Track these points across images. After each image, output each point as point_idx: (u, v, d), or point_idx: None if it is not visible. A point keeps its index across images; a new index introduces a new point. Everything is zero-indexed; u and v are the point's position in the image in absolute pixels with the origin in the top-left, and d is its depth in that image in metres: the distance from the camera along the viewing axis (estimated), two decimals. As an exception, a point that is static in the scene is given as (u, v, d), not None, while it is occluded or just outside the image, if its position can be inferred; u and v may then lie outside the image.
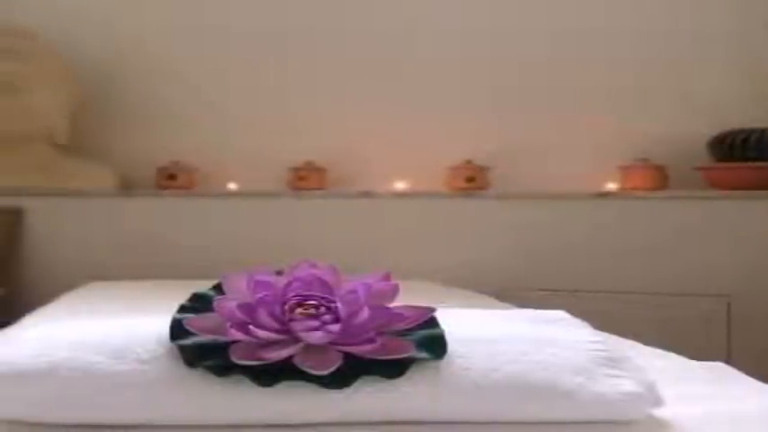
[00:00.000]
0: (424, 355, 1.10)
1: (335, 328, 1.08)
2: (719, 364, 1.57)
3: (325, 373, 1.05)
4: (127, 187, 3.65)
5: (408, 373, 1.08)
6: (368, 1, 3.80)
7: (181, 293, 1.25)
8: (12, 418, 1.07)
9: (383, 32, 3.75)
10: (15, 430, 1.06)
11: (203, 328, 1.11)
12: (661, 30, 3.71)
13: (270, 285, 1.13)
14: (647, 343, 1.79)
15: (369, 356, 1.07)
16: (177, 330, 1.12)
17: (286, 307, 1.10)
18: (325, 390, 1.05)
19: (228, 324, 1.08)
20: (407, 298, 1.19)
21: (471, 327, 1.22)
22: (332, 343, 1.08)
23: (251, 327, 1.07)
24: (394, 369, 1.07)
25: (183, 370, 1.08)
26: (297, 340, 1.08)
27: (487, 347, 1.15)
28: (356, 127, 3.74)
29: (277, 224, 3.54)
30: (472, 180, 3.57)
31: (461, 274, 3.33)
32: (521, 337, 1.19)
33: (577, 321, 1.31)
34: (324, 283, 1.14)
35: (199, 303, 1.19)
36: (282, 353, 1.06)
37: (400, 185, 3.65)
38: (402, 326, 1.14)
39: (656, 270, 3.42)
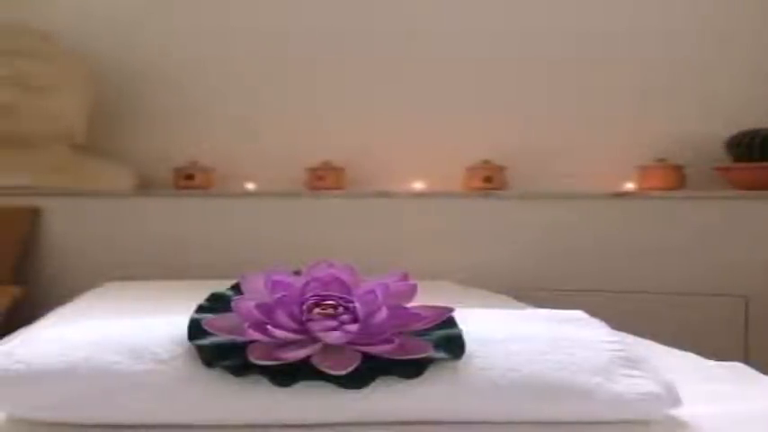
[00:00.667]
0: (441, 355, 1.10)
1: (353, 328, 1.08)
2: (737, 364, 1.56)
3: (343, 373, 1.05)
4: (145, 187, 3.67)
5: (426, 374, 1.07)
6: (389, 2, 3.80)
7: (198, 293, 1.26)
8: (31, 418, 1.08)
9: (401, 33, 3.75)
10: (35, 430, 1.06)
11: (221, 328, 1.11)
12: (677, 31, 3.70)
13: (288, 285, 1.13)
14: (664, 343, 1.78)
15: (387, 356, 1.07)
16: (195, 330, 1.12)
17: (304, 307, 1.10)
18: (343, 390, 1.05)
19: (246, 324, 1.08)
20: (425, 298, 1.18)
21: (489, 327, 1.22)
22: (350, 343, 1.08)
23: (269, 327, 1.07)
24: (412, 369, 1.07)
25: (200, 370, 1.08)
26: (315, 340, 1.08)
27: (505, 347, 1.14)
28: (374, 127, 3.75)
29: (295, 224, 3.55)
30: (489, 180, 3.57)
31: (479, 274, 3.33)
32: (538, 337, 1.18)
33: (595, 321, 1.31)
34: (342, 283, 1.14)
35: (217, 303, 1.19)
36: (300, 353, 1.06)
37: (418, 185, 3.65)
38: (420, 326, 1.14)
39: (674, 270, 3.41)
